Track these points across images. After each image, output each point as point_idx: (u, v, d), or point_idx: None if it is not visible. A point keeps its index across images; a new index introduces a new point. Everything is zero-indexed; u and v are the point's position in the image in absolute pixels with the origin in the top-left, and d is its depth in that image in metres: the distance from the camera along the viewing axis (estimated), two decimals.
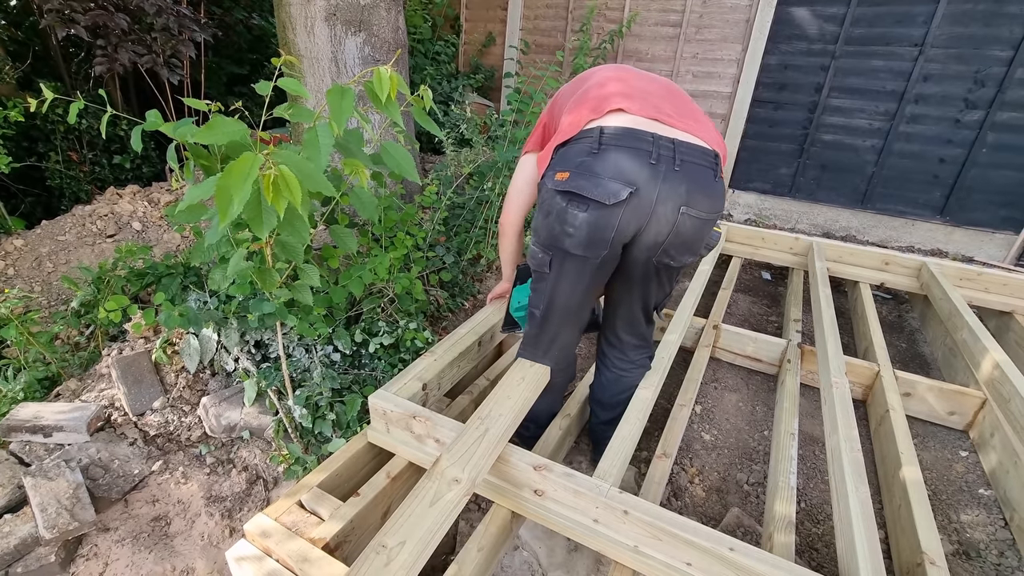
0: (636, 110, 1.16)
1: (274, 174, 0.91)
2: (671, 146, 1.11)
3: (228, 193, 0.87)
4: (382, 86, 1.07)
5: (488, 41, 5.38)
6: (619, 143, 1.11)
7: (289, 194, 0.93)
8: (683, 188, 1.11)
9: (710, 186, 1.14)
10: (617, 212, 1.11)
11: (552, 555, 1.38)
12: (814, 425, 1.96)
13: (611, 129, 1.14)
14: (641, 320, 1.43)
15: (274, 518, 1.23)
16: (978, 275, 2.54)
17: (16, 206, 3.78)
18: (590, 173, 1.11)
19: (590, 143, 1.14)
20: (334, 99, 1.03)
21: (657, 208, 1.11)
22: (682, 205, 1.12)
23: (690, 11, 4.24)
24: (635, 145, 1.11)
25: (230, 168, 0.88)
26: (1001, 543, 1.52)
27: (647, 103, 1.18)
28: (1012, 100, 3.37)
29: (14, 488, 1.57)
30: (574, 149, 1.17)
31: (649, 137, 1.11)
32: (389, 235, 2.13)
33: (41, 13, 3.00)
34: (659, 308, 1.42)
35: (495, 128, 2.98)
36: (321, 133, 1.04)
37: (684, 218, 1.13)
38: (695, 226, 1.15)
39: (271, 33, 4.94)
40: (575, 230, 1.15)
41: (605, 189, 1.09)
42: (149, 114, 1.26)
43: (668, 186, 1.10)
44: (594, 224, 1.13)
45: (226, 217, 0.87)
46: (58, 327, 2.18)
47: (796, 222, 4.26)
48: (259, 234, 1.01)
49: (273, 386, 1.80)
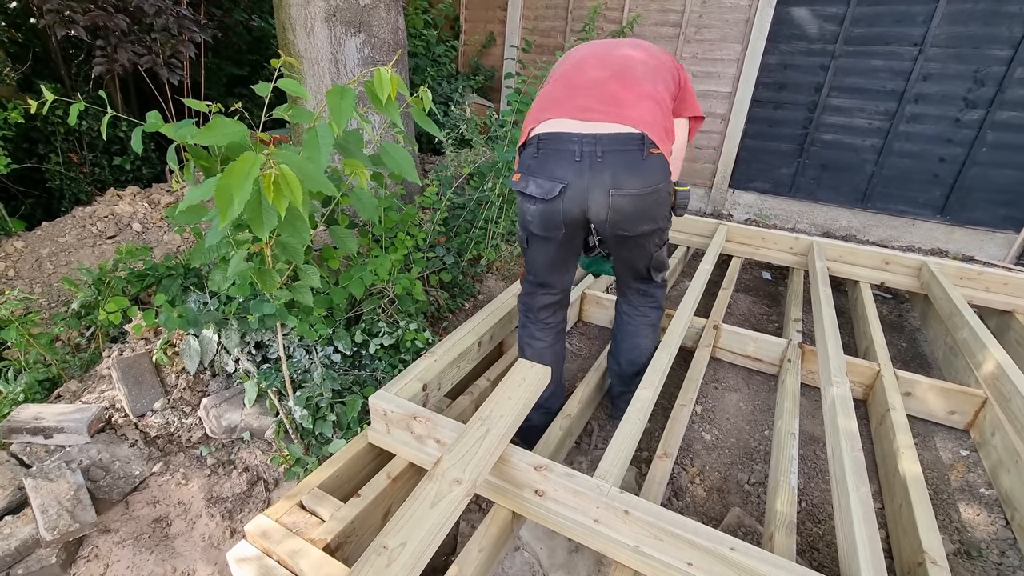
0: (564, 113, 1.37)
1: (275, 173, 0.91)
2: (593, 141, 1.32)
3: (229, 193, 0.87)
4: (382, 87, 1.08)
5: (488, 42, 5.39)
6: (551, 147, 1.37)
7: (290, 194, 0.94)
8: (607, 175, 1.33)
9: (636, 166, 1.33)
10: (557, 203, 1.37)
11: (553, 556, 1.38)
12: (815, 425, 1.96)
13: (545, 136, 1.38)
14: (635, 275, 1.70)
15: (275, 519, 1.23)
16: (978, 274, 2.54)
17: (16, 208, 3.78)
18: (533, 176, 1.40)
19: (532, 149, 1.42)
20: (334, 99, 1.03)
21: (589, 194, 1.35)
22: (610, 188, 1.33)
23: (689, 11, 4.24)
24: (562, 147, 1.35)
25: (230, 168, 0.88)
26: (1002, 542, 1.51)
27: (575, 103, 1.37)
28: (1012, 99, 3.37)
29: (15, 490, 1.57)
30: (525, 154, 1.46)
31: (575, 138, 1.33)
32: (389, 236, 2.13)
33: (40, 14, 3.00)
34: (654, 270, 1.68)
35: (495, 128, 2.98)
36: (321, 133, 1.04)
37: (616, 199, 1.34)
38: (631, 203, 1.36)
39: (271, 34, 4.94)
40: (532, 218, 1.45)
41: (542, 187, 1.37)
42: (150, 115, 1.26)
43: (593, 175, 1.33)
44: (543, 213, 1.41)
45: (226, 217, 0.87)
46: (58, 328, 2.18)
47: (796, 222, 4.27)
48: (260, 234, 1.01)
49: (273, 387, 1.80)
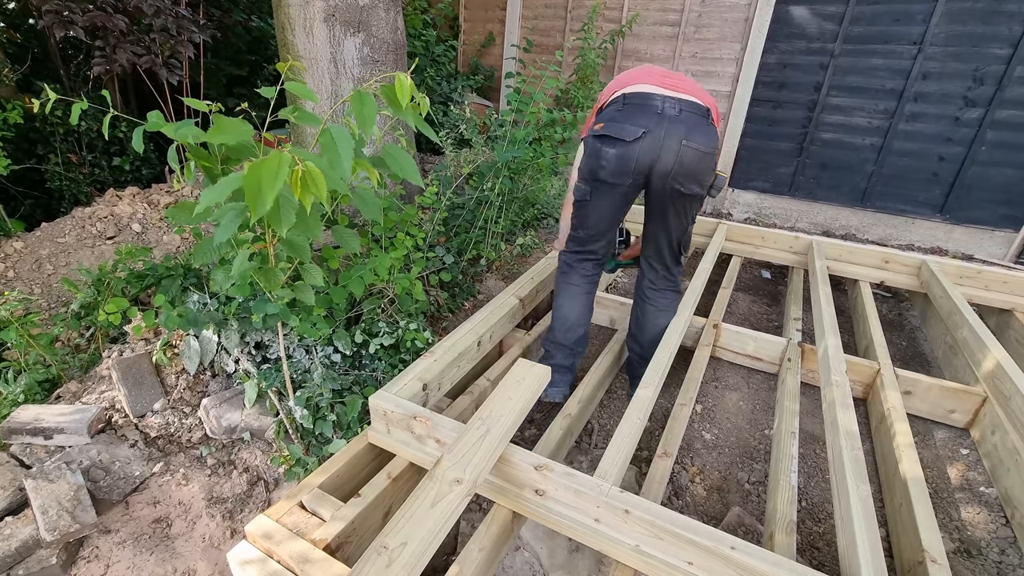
0: (649, 81, 1.63)
1: (302, 171, 0.96)
2: (674, 101, 1.57)
3: (259, 189, 0.90)
4: (403, 92, 1.08)
5: (487, 41, 5.38)
6: (636, 102, 1.60)
7: (316, 190, 0.98)
8: (683, 128, 1.55)
9: (704, 127, 1.58)
10: (635, 147, 1.56)
11: (553, 555, 1.38)
12: (815, 424, 1.96)
13: (631, 94, 1.62)
14: (666, 251, 1.83)
15: (275, 519, 1.23)
16: (978, 273, 2.55)
17: (16, 208, 3.78)
18: (616, 122, 1.59)
19: (617, 105, 1.64)
20: (357, 105, 1.05)
21: (665, 142, 1.55)
22: (683, 139, 1.54)
23: (689, 10, 4.24)
24: (646, 103, 1.58)
25: (256, 166, 0.91)
26: (1002, 541, 1.52)
27: (656, 78, 1.64)
28: (1011, 98, 3.37)
29: (15, 490, 1.57)
30: (607, 110, 1.66)
31: (658, 97, 1.58)
32: (389, 236, 2.14)
33: (39, 14, 3.00)
34: (682, 247, 1.82)
35: (494, 128, 2.98)
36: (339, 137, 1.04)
37: (685, 149, 1.55)
38: (696, 156, 1.56)
39: (270, 34, 4.94)
40: (607, 162, 1.61)
41: (626, 131, 1.56)
42: (151, 115, 1.26)
43: (672, 127, 1.54)
44: (620, 156, 1.59)
45: (257, 212, 0.91)
46: (58, 329, 2.18)
47: (796, 221, 4.27)
48: (279, 231, 1.05)
49: (273, 387, 1.80)
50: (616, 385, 2.18)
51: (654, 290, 1.90)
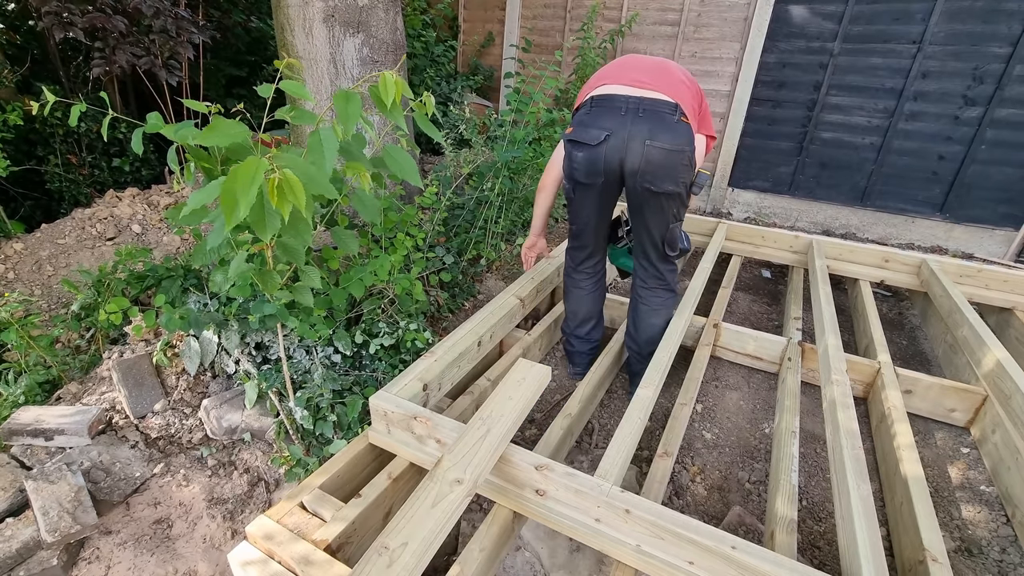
0: (615, 80, 1.65)
1: (278, 178, 0.92)
2: (638, 101, 1.57)
3: (234, 197, 0.87)
4: (388, 91, 1.08)
5: (487, 41, 5.38)
6: (601, 105, 1.62)
7: (293, 197, 0.94)
8: (645, 127, 1.55)
9: (670, 125, 1.56)
10: (600, 150, 1.60)
11: (554, 555, 1.38)
12: (815, 423, 1.96)
13: (598, 96, 1.64)
14: (651, 250, 1.83)
15: (276, 520, 1.23)
16: (978, 272, 2.54)
17: (15, 209, 3.78)
18: (584, 126, 1.63)
19: (586, 108, 1.67)
20: (340, 104, 1.03)
21: (629, 143, 1.57)
22: (647, 139, 1.54)
23: (688, 10, 4.24)
24: (611, 104, 1.60)
25: (234, 171, 0.88)
26: (1003, 540, 1.52)
27: (626, 76, 1.65)
28: (1011, 96, 3.37)
29: (16, 492, 1.57)
30: (579, 114, 1.70)
31: (621, 98, 1.59)
32: (389, 236, 2.14)
33: (39, 16, 2.99)
34: (668, 245, 1.80)
35: (494, 128, 2.98)
36: (325, 138, 1.04)
37: (650, 149, 1.55)
38: (661, 155, 1.56)
39: (269, 35, 4.94)
40: (579, 165, 1.67)
41: (590, 135, 1.61)
42: (150, 116, 1.26)
43: (635, 127, 1.56)
44: (588, 159, 1.63)
45: (232, 221, 0.88)
46: (58, 330, 2.18)
47: (796, 220, 4.27)
48: (263, 237, 1.01)
49: (274, 388, 1.80)
50: (616, 385, 2.18)
51: (645, 289, 1.91)
